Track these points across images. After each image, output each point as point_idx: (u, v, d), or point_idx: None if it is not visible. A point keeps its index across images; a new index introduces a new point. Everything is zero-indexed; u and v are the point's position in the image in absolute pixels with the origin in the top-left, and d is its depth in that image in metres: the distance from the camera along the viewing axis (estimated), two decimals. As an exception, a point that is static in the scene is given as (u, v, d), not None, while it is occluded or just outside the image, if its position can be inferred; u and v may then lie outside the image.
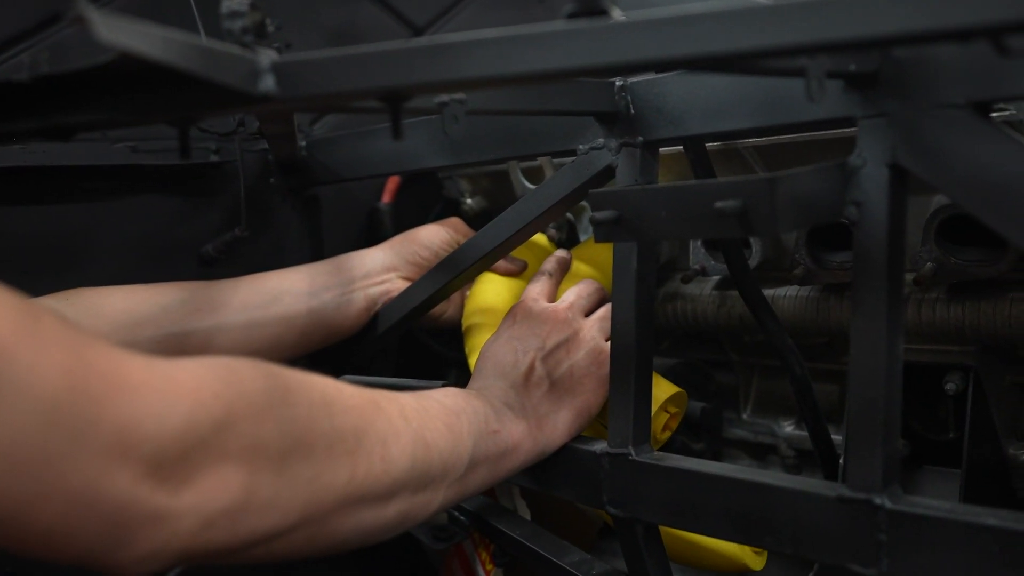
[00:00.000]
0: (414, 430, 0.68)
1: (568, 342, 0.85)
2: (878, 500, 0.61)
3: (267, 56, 0.54)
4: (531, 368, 0.83)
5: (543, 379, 0.83)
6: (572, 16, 0.51)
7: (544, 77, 0.52)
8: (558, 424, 0.82)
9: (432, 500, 0.70)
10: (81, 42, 0.45)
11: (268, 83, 0.53)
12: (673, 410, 0.89)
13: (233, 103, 0.54)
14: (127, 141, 1.03)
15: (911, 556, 0.60)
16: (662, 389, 0.89)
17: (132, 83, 0.54)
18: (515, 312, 0.89)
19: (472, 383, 0.84)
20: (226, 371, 0.54)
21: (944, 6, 0.42)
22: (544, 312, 0.87)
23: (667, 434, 0.90)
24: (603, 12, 0.50)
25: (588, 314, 0.89)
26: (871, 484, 0.62)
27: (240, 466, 0.53)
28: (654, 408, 0.86)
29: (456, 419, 0.73)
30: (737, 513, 0.69)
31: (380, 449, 0.64)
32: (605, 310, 0.89)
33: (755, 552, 0.91)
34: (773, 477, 0.69)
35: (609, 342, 0.84)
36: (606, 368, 0.83)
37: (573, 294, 0.90)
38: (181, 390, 0.50)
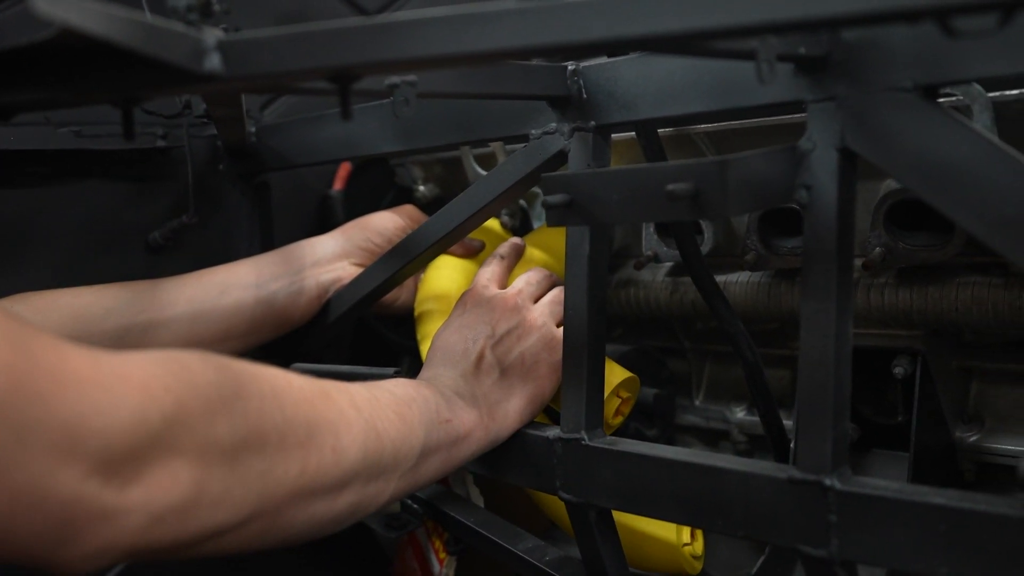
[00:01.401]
0: (365, 419, 0.67)
1: (518, 328, 0.85)
2: (828, 481, 0.62)
3: (213, 35, 0.53)
4: (481, 356, 0.83)
5: (493, 367, 0.83)
6: (523, -5, 0.50)
7: (494, 56, 0.52)
8: (509, 412, 0.82)
9: (384, 490, 0.70)
10: (21, 23, 0.44)
11: (214, 62, 0.52)
12: (625, 395, 0.89)
13: (178, 82, 0.53)
14: (71, 125, 1.01)
15: (860, 536, 0.61)
16: (614, 374, 0.89)
17: (74, 62, 0.53)
18: (465, 299, 0.89)
19: (423, 373, 0.84)
20: (176, 365, 0.53)
21: (892, -13, 0.42)
22: (494, 299, 0.87)
23: (619, 419, 0.90)
24: (554, -9, 0.50)
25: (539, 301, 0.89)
26: (821, 466, 0.62)
27: (191, 461, 0.52)
28: (606, 393, 0.86)
29: (407, 408, 0.73)
30: (689, 496, 0.69)
31: (332, 440, 0.63)
32: (555, 293, 0.89)
33: (693, 557, 0.91)
34: (725, 460, 0.69)
35: (560, 327, 0.84)
36: (557, 354, 0.83)
37: (523, 281, 0.90)
38: (130, 385, 0.49)
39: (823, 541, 0.62)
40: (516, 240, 0.99)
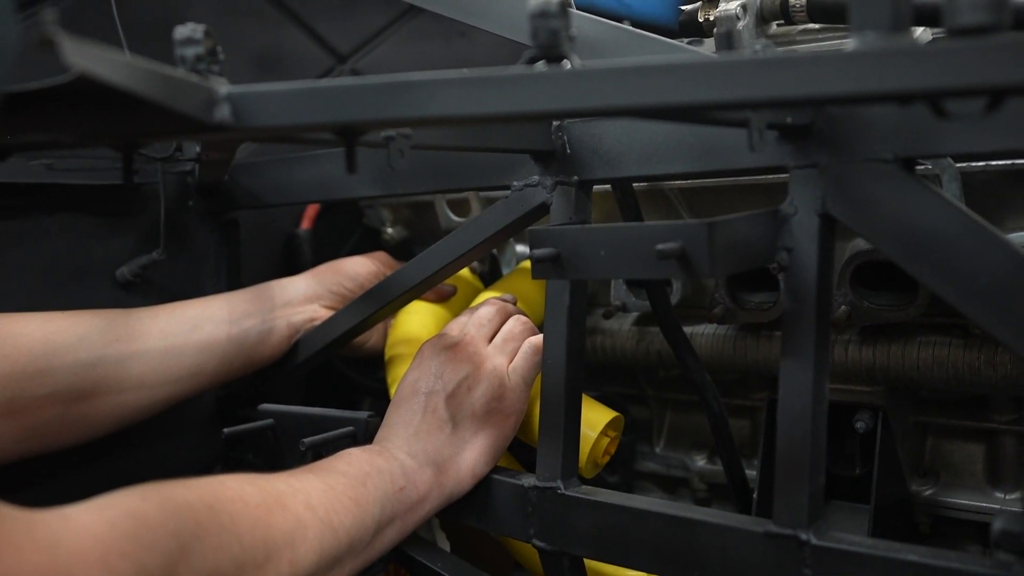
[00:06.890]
0: (320, 519, 0.68)
1: (468, 379, 0.84)
2: (804, 536, 0.63)
3: (223, 86, 0.53)
4: (434, 412, 0.83)
5: (446, 422, 0.83)
6: (531, 61, 0.52)
7: (498, 119, 0.53)
8: (462, 467, 0.82)
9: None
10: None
11: (224, 112, 0.53)
12: (612, 434, 0.90)
13: (187, 131, 0.54)
14: (43, 159, 1.00)
15: (835, 590, 0.62)
16: (602, 414, 0.89)
17: (81, 106, 0.53)
18: (422, 350, 0.88)
19: (380, 431, 0.85)
20: (132, 522, 0.54)
21: (889, 71, 0.45)
22: (446, 350, 0.86)
23: (607, 458, 0.91)
24: (562, 58, 0.51)
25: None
26: (797, 520, 0.64)
27: None
28: (596, 432, 0.87)
29: (362, 488, 0.74)
30: (665, 547, 0.71)
31: (289, 553, 0.64)
32: (506, 330, 0.89)
33: None
34: (701, 512, 0.71)
35: (512, 371, 0.85)
36: (508, 400, 0.84)
37: (474, 324, 0.89)
38: (87, 564, 0.49)
39: (798, 594, 0.64)
40: (505, 299, 0.97)
